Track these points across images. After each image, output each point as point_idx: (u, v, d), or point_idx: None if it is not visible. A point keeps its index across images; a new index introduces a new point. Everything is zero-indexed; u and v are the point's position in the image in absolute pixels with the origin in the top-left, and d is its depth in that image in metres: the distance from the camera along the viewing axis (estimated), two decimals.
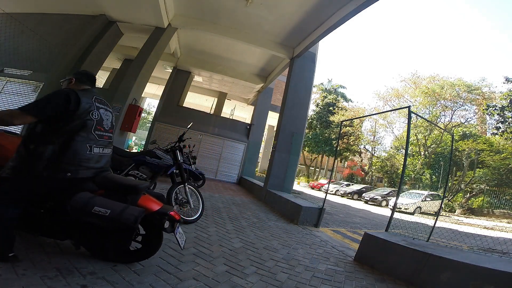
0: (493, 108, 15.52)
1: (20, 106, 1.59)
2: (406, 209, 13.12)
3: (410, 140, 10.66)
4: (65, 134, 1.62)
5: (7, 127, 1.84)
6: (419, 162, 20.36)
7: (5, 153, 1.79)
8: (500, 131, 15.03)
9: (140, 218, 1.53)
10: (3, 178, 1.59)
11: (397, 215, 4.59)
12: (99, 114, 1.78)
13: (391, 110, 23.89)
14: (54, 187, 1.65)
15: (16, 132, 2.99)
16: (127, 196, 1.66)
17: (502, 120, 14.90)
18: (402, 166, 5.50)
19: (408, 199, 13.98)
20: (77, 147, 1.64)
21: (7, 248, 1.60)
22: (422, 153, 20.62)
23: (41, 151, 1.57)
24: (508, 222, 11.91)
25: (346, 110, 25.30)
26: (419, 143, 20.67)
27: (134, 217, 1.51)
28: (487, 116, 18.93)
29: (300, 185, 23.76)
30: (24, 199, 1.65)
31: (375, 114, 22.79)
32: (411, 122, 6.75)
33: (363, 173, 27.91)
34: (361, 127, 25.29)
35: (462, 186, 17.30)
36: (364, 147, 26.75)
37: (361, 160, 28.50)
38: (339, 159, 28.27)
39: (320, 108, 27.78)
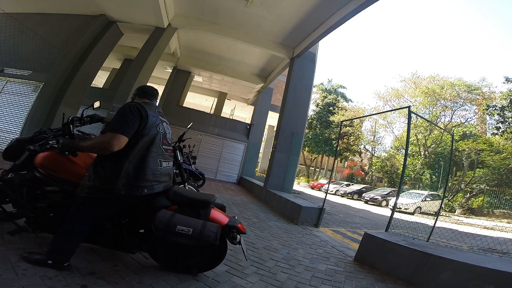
0: (493, 108, 15.51)
1: (101, 129, 1.58)
2: (406, 209, 13.11)
3: (410, 140, 10.66)
4: (139, 151, 1.61)
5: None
6: (419, 162, 20.35)
7: (77, 170, 1.78)
8: (500, 131, 15.03)
9: (219, 234, 1.56)
10: (82, 198, 1.60)
11: (397, 215, 4.58)
12: (163, 128, 1.79)
13: (391, 110, 23.90)
14: (131, 204, 1.66)
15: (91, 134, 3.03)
16: (200, 210, 1.68)
17: (502, 120, 14.89)
18: (402, 166, 5.50)
19: (408, 199, 13.97)
20: (150, 163, 1.63)
21: (66, 258, 1.62)
22: (422, 153, 20.61)
23: (118, 170, 1.56)
24: (508, 222, 11.90)
25: (346, 110, 25.30)
26: (419, 143, 20.66)
27: (214, 234, 1.54)
28: (487, 116, 18.93)
29: (300, 185, 23.76)
30: (99, 217, 1.68)
31: (375, 114, 22.79)
32: (411, 122, 6.75)
33: (363, 173, 27.92)
34: (361, 127, 25.29)
35: (462, 186, 17.30)
36: (364, 147, 26.76)
37: (361, 160, 28.50)
38: (339, 159, 28.28)
39: (320, 108, 27.78)
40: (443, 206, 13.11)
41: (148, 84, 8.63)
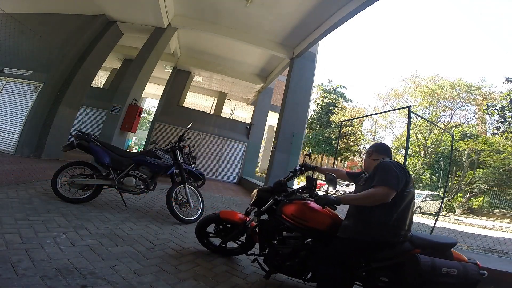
0: (493, 108, 15.48)
1: (376, 184, 1.64)
2: None
3: (410, 140, 10.66)
4: (402, 204, 1.68)
5: None
6: (419, 162, 20.34)
7: (325, 219, 1.91)
8: (500, 131, 14.99)
9: (479, 272, 1.57)
10: (342, 240, 1.73)
11: None
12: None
13: (391, 110, 23.89)
14: (379, 247, 1.72)
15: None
16: (445, 252, 1.70)
17: (502, 120, 14.85)
18: None
19: None
20: (409, 215, 1.72)
21: None
22: (422, 153, 20.59)
23: (387, 219, 1.65)
24: (508, 222, 11.89)
25: (346, 110, 25.29)
26: (419, 143, 20.64)
27: (477, 272, 1.55)
28: (487, 116, 18.90)
29: (300, 185, 23.73)
30: (350, 261, 1.76)
31: (375, 114, 22.76)
32: (411, 122, 6.75)
33: None
34: (361, 127, 25.27)
35: (462, 186, 17.28)
36: (364, 147, 26.73)
37: (361, 160, 28.44)
38: (339, 159, 28.27)
39: (320, 108, 27.78)
40: (443, 206, 13.12)
41: (148, 84, 8.68)
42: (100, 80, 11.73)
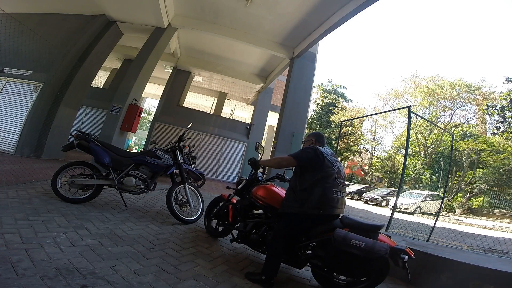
0: (493, 108, 15.47)
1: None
2: (406, 209, 13.11)
3: (410, 140, 10.66)
4: (319, 182, 2.07)
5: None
6: (419, 162, 20.35)
7: (277, 198, 2.37)
8: (500, 131, 14.97)
9: (389, 250, 1.78)
10: (284, 214, 2.14)
11: (397, 215, 4.58)
12: (338, 166, 2.21)
13: (391, 110, 23.89)
14: (313, 222, 2.09)
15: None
16: (369, 234, 1.92)
17: (502, 120, 14.83)
18: (402, 166, 5.50)
19: (408, 199, 13.96)
20: (327, 191, 2.06)
21: (275, 274, 2.05)
22: (422, 153, 20.60)
23: (307, 195, 2.06)
24: (508, 222, 11.89)
25: (346, 110, 25.27)
26: (419, 143, 20.65)
27: (385, 249, 1.75)
28: (487, 116, 18.88)
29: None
30: (293, 233, 2.13)
31: (375, 114, 22.78)
32: (411, 122, 6.75)
33: (363, 173, 27.90)
34: (361, 127, 25.26)
35: (462, 186, 17.29)
36: (364, 147, 26.74)
37: (361, 160, 28.46)
38: (339, 159, 28.19)
39: (320, 108, 27.76)
40: (443, 206, 13.11)
41: (148, 84, 8.67)
42: (100, 80, 11.72)
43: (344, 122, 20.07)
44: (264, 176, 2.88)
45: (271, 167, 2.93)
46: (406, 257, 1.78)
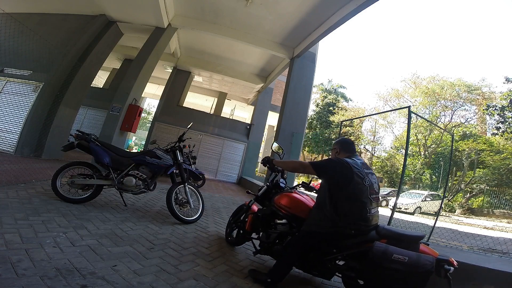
0: (493, 108, 15.48)
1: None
2: (406, 209, 13.11)
3: (410, 140, 10.66)
4: (349, 200, 1.87)
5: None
6: (419, 162, 20.34)
7: (305, 207, 2.20)
8: (500, 131, 14.98)
9: (435, 263, 1.62)
10: (310, 232, 1.96)
11: (397, 215, 4.59)
12: (370, 180, 1.94)
13: (391, 110, 23.89)
14: (345, 236, 1.89)
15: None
16: (409, 245, 1.76)
17: (502, 120, 14.84)
18: (402, 166, 5.50)
19: (408, 199, 13.97)
20: (359, 211, 1.86)
21: (281, 278, 1.99)
22: (422, 153, 20.59)
23: (336, 213, 1.87)
24: (508, 222, 11.90)
25: (346, 110, 25.27)
26: (419, 143, 20.64)
27: (430, 263, 1.59)
28: (487, 116, 18.89)
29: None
30: (313, 246, 2.00)
31: (375, 114, 22.77)
32: (411, 122, 6.75)
33: None
34: (361, 127, 25.25)
35: (462, 186, 17.28)
36: (364, 147, 26.72)
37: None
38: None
39: (320, 108, 27.74)
40: (443, 206, 13.11)
41: (148, 84, 8.67)
42: (100, 80, 11.72)
43: (344, 122, 20.06)
44: (285, 181, 2.70)
45: (284, 169, 2.60)
46: (452, 268, 1.63)
